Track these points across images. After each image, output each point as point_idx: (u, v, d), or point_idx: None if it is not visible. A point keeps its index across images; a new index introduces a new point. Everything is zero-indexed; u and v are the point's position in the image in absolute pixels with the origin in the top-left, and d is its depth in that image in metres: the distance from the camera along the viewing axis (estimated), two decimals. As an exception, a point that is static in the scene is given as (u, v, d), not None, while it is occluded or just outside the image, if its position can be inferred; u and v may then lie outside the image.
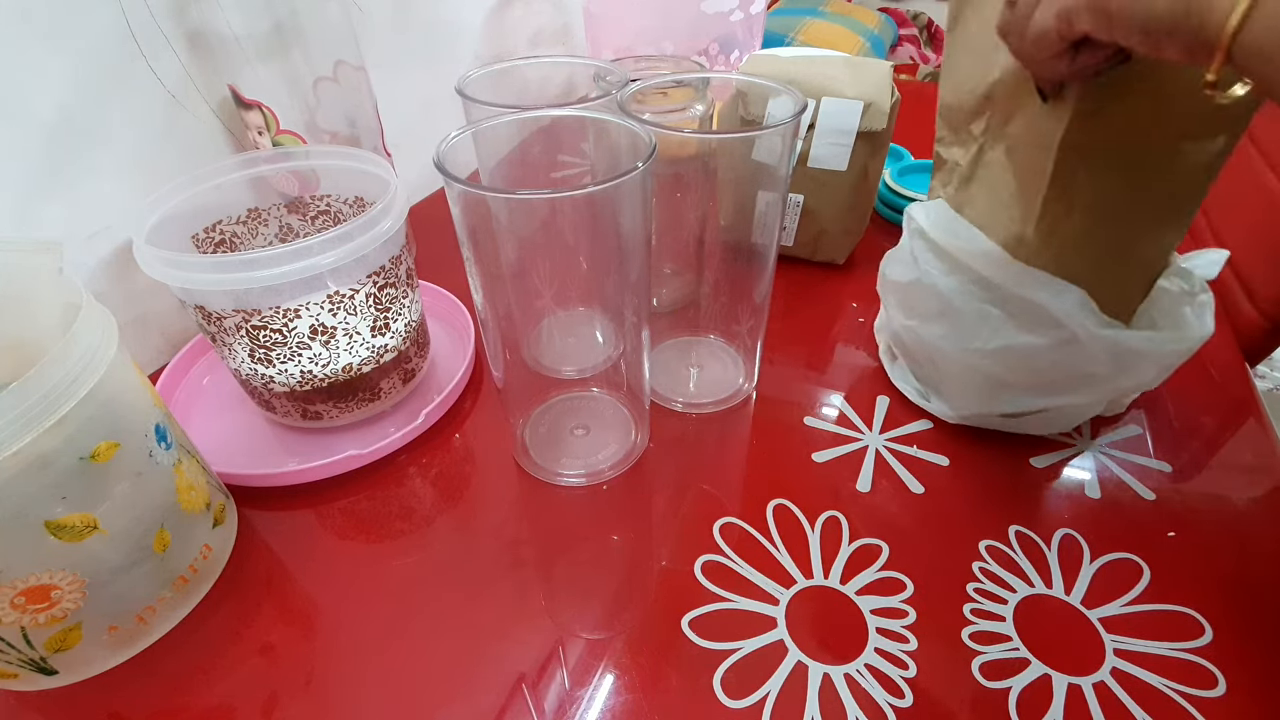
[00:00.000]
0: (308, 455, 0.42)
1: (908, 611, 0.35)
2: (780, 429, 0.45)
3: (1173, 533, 0.38)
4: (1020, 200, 0.36)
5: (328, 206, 0.47)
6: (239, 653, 0.34)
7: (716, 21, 0.73)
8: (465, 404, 0.47)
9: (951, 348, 0.40)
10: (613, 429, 0.44)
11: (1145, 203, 0.35)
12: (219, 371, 0.49)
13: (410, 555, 0.38)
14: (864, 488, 0.41)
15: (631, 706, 0.31)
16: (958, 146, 0.40)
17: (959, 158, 0.40)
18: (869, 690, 0.31)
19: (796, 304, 0.57)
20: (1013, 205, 0.36)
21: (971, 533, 0.38)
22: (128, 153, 0.45)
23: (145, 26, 0.44)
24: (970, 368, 0.40)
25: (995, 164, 0.37)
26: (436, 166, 0.30)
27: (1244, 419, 0.45)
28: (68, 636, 0.31)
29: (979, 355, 0.39)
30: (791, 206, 0.56)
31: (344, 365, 0.41)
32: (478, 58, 0.77)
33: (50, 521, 0.28)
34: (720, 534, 0.38)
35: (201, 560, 0.35)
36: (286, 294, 0.37)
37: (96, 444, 0.29)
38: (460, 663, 0.33)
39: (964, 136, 0.39)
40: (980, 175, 0.38)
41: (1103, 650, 0.33)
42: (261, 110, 0.47)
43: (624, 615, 0.35)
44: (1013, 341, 0.38)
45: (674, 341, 0.51)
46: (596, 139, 0.38)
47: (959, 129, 0.39)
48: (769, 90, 0.44)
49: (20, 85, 0.39)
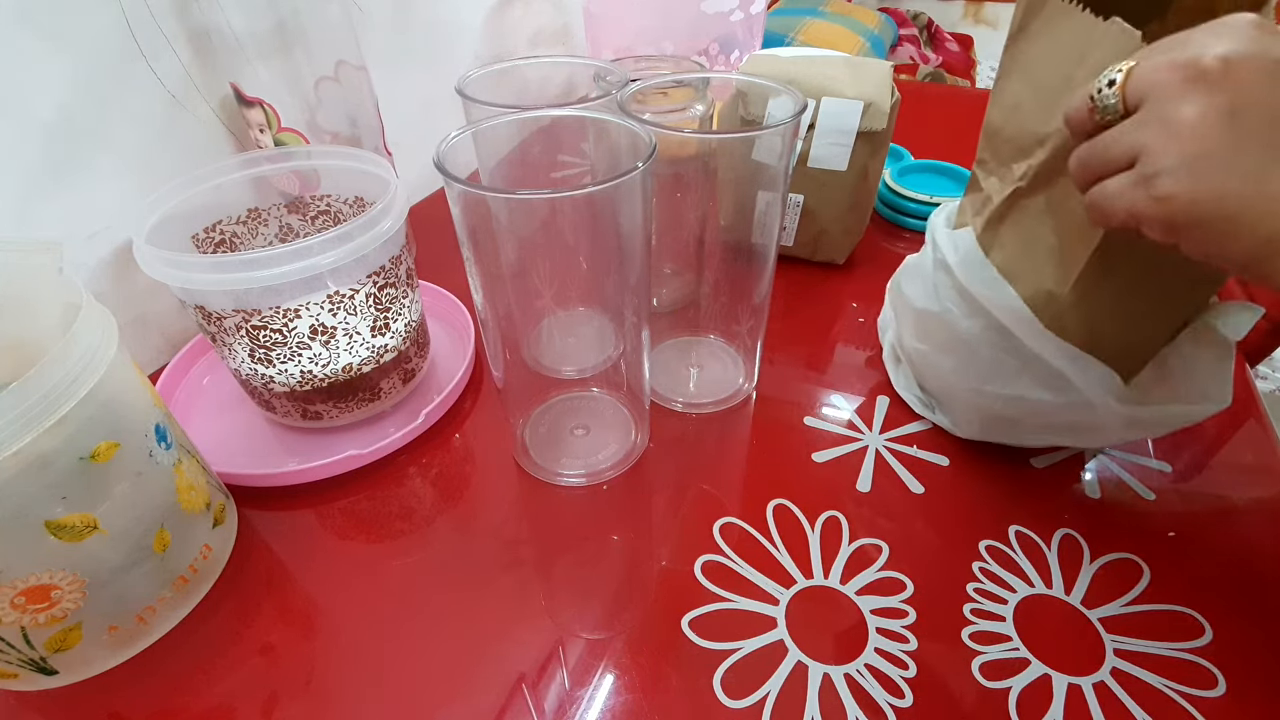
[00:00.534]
0: (308, 455, 0.42)
1: (908, 611, 0.35)
2: (780, 429, 0.45)
3: (1173, 533, 0.38)
4: (1057, 259, 0.34)
5: (328, 206, 0.47)
6: (239, 653, 0.34)
7: (716, 21, 0.73)
8: (465, 404, 0.47)
9: (961, 383, 0.40)
10: (613, 429, 0.44)
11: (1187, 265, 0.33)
12: (219, 371, 0.49)
13: (410, 555, 0.38)
14: (864, 488, 0.41)
15: (631, 706, 0.31)
16: (996, 178, 0.37)
17: (994, 190, 0.37)
18: (869, 690, 0.31)
19: (796, 304, 0.57)
20: (1048, 262, 0.34)
21: (971, 533, 0.38)
22: (128, 153, 0.45)
23: (145, 26, 0.44)
24: (979, 404, 0.40)
25: (1033, 212, 0.35)
26: (436, 166, 0.30)
27: (1244, 419, 0.45)
28: (68, 636, 0.31)
29: (990, 396, 0.39)
30: (791, 206, 0.56)
31: (344, 365, 0.41)
32: (478, 58, 0.77)
33: (50, 521, 0.28)
34: (720, 534, 0.38)
35: (201, 560, 0.35)
36: (286, 294, 0.37)
37: (96, 444, 0.29)
38: (460, 663, 0.33)
39: (1004, 172, 0.36)
40: (1015, 219, 0.36)
41: (1103, 650, 0.33)
42: (263, 107, 0.47)
43: (624, 615, 0.35)
44: (1026, 393, 0.37)
45: (674, 341, 0.51)
46: (596, 139, 0.38)
47: (1002, 160, 0.36)
48: (769, 90, 0.44)
49: (20, 85, 0.39)
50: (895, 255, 0.63)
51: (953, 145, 0.73)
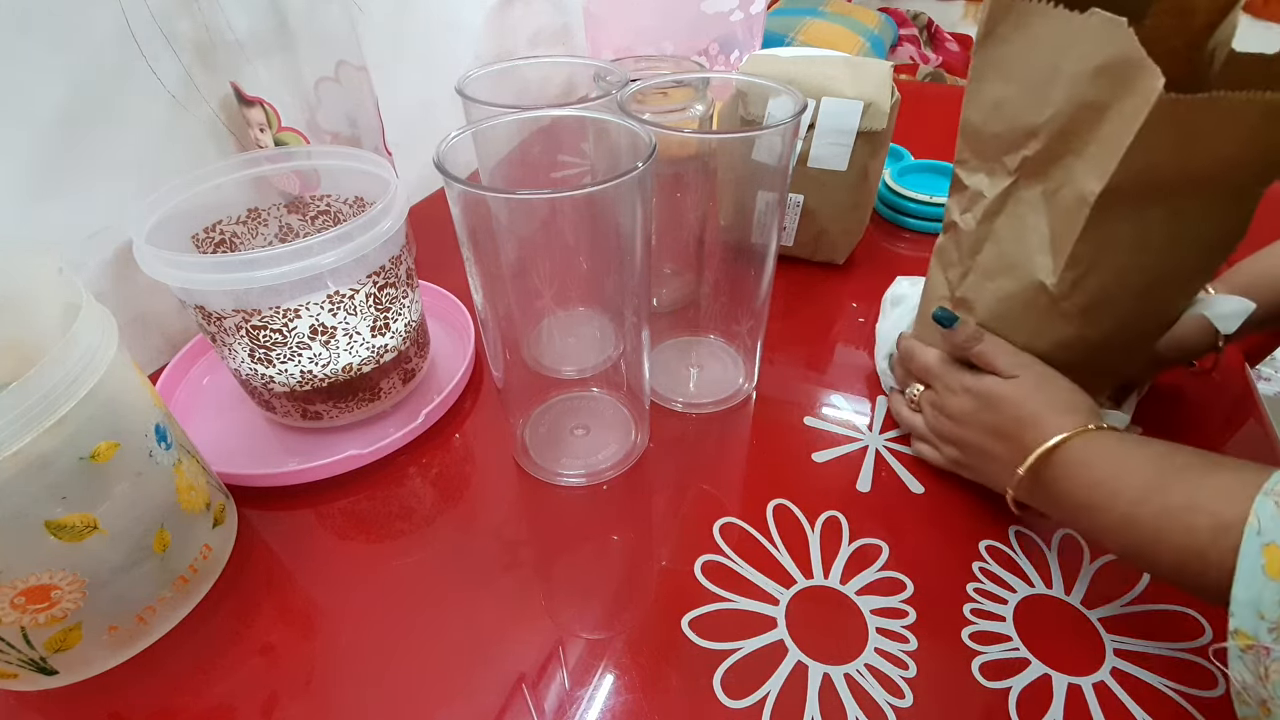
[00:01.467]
0: (308, 455, 0.42)
1: (908, 611, 0.35)
2: (780, 429, 0.45)
3: (1173, 533, 0.38)
4: (1049, 249, 0.34)
5: (328, 206, 0.47)
6: (239, 653, 0.34)
7: (716, 21, 0.73)
8: (465, 404, 0.47)
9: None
10: (613, 429, 0.44)
11: (1182, 255, 0.33)
12: (219, 371, 0.49)
13: (410, 555, 0.38)
14: (864, 488, 0.41)
15: (631, 706, 0.31)
16: (983, 175, 0.37)
17: (984, 187, 0.37)
18: (869, 690, 0.31)
19: (796, 304, 0.57)
20: (1040, 252, 0.34)
21: (971, 533, 0.38)
22: (128, 153, 0.45)
23: (145, 27, 0.44)
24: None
25: (1029, 202, 0.35)
26: (436, 166, 0.30)
27: (1244, 419, 0.45)
28: (68, 636, 0.31)
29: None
30: (791, 206, 0.56)
31: (344, 365, 0.41)
32: (478, 58, 0.77)
33: (50, 521, 0.28)
34: (720, 534, 0.38)
35: (201, 560, 0.35)
36: (286, 294, 0.37)
37: (96, 444, 0.29)
38: (460, 663, 0.33)
39: (994, 167, 0.36)
40: (1010, 211, 0.36)
41: (1103, 650, 0.33)
42: (263, 107, 0.47)
43: (624, 615, 0.35)
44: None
45: (674, 341, 0.51)
46: (596, 139, 0.38)
47: (988, 157, 0.36)
48: (769, 90, 0.44)
49: (20, 85, 0.39)
50: (895, 255, 0.63)
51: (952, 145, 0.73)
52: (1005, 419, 0.36)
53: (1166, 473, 0.30)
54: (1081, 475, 0.32)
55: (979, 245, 0.38)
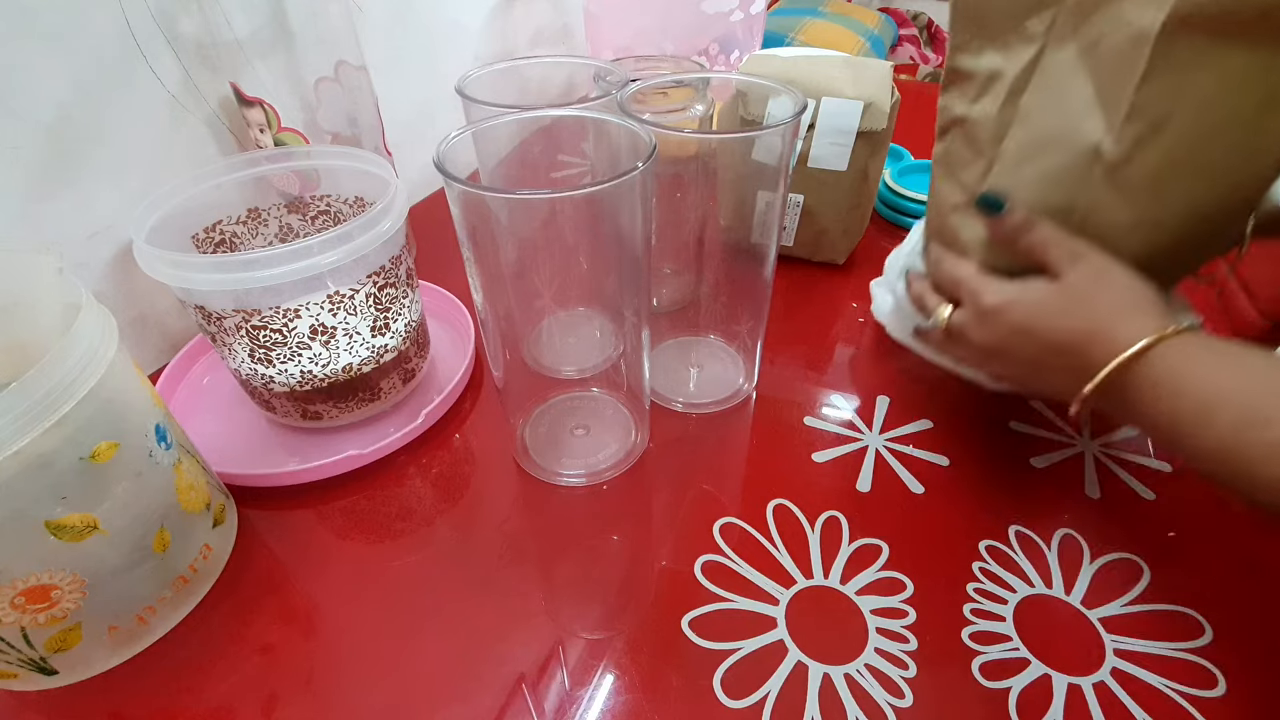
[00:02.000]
0: (308, 455, 0.42)
1: (908, 611, 0.35)
2: (780, 429, 0.45)
3: (1173, 533, 0.38)
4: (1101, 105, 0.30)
5: (328, 206, 0.47)
6: (239, 653, 0.34)
7: (716, 21, 0.73)
8: (465, 404, 0.47)
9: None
10: (613, 429, 0.44)
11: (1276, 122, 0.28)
12: (219, 371, 0.49)
13: (410, 555, 0.38)
14: (864, 488, 0.41)
15: (631, 706, 0.31)
16: (994, 52, 0.33)
17: (1001, 65, 0.33)
18: (869, 690, 0.31)
19: (796, 304, 0.57)
20: (1089, 115, 0.30)
21: (971, 533, 0.38)
22: (128, 153, 0.45)
23: (145, 27, 0.44)
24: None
25: (1064, 65, 0.31)
26: (436, 166, 0.30)
27: None
28: (68, 636, 0.31)
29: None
30: (791, 206, 0.56)
31: (344, 365, 0.41)
32: (478, 58, 0.77)
33: (50, 521, 0.28)
34: (720, 534, 0.38)
35: (201, 560, 0.35)
36: (286, 294, 0.37)
37: (96, 444, 0.29)
38: (460, 663, 0.33)
39: (1009, 39, 0.32)
40: (1039, 85, 0.32)
41: (1103, 650, 0.33)
42: (263, 107, 0.47)
43: (624, 615, 0.35)
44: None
45: (674, 341, 0.51)
46: (596, 139, 0.38)
47: (996, 33, 0.33)
48: (769, 90, 0.44)
49: (20, 85, 0.39)
50: (895, 255, 0.63)
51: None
52: (1061, 330, 0.31)
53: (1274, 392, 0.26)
54: (1165, 393, 0.28)
55: (1002, 131, 0.34)
